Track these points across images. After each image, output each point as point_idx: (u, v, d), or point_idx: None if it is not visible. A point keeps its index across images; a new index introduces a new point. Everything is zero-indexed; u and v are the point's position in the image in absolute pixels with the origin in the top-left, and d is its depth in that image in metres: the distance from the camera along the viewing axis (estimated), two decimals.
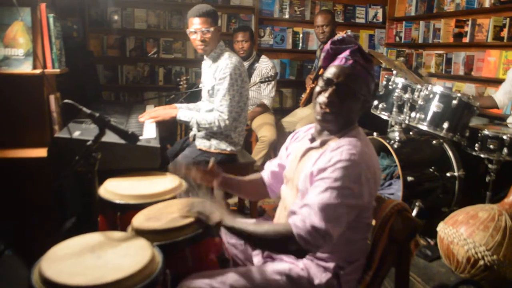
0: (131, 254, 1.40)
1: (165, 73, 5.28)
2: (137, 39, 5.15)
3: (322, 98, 1.60)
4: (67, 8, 4.44)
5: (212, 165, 1.92)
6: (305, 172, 1.59)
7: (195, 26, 2.77)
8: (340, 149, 1.52)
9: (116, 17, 5.03)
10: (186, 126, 4.03)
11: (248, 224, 1.53)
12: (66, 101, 1.70)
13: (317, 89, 1.64)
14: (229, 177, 1.96)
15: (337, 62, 1.61)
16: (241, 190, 2.02)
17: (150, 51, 5.19)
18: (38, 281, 1.30)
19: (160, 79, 5.27)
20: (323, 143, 1.64)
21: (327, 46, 1.65)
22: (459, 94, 2.93)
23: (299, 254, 1.50)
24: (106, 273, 1.28)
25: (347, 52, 1.59)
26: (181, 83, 4.51)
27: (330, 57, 1.64)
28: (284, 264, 1.64)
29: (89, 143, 1.66)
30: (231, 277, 1.53)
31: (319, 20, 4.40)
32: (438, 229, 2.54)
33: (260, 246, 1.60)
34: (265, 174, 1.99)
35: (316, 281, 1.59)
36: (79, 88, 3.50)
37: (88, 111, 1.67)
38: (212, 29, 2.77)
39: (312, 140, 1.71)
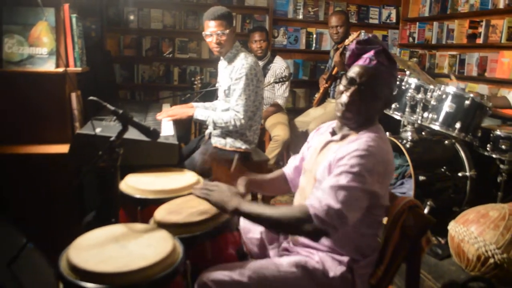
0: (154, 245, 1.46)
1: (180, 72, 5.36)
2: (153, 39, 5.24)
3: (344, 97, 1.65)
4: (85, 8, 4.54)
5: (236, 165, 1.96)
6: (324, 163, 1.65)
7: (211, 29, 2.84)
8: (359, 140, 1.58)
9: (132, 17, 5.12)
10: (200, 125, 4.11)
11: (265, 208, 1.55)
12: (91, 98, 1.77)
13: (340, 87, 1.69)
14: (252, 177, 1.98)
15: (361, 61, 1.65)
16: (263, 188, 2.04)
17: (165, 51, 5.27)
18: (66, 268, 1.37)
19: (175, 78, 5.35)
20: (343, 137, 1.70)
21: (353, 45, 1.70)
22: (471, 95, 2.96)
23: (315, 235, 1.50)
24: (130, 262, 1.35)
25: (371, 53, 1.64)
26: (196, 82, 4.59)
27: (355, 56, 1.69)
28: (300, 257, 1.69)
29: (112, 138, 1.72)
30: (249, 269, 1.58)
31: (333, 20, 4.44)
32: (449, 227, 2.57)
33: (277, 228, 1.59)
34: (288, 169, 2.03)
35: (331, 274, 1.64)
36: (96, 87, 3.59)
37: (112, 108, 1.74)
38: (227, 31, 2.83)
39: (333, 133, 1.76)
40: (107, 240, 1.49)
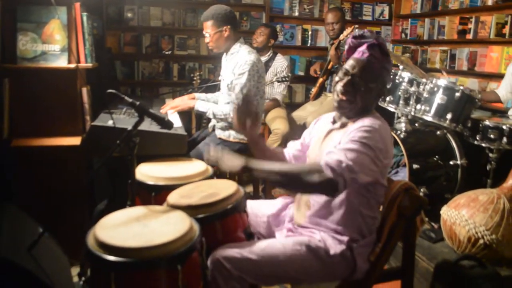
0: (172, 223, 1.59)
1: (179, 69, 5.47)
2: (153, 36, 5.35)
3: (338, 86, 1.80)
4: (86, 6, 4.65)
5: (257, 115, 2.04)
6: (328, 150, 1.78)
7: (205, 29, 3.00)
8: (363, 120, 1.73)
9: (132, 15, 5.23)
10: (199, 119, 4.24)
11: (275, 164, 1.71)
12: (110, 91, 1.89)
13: (336, 78, 1.83)
14: (261, 137, 2.13)
15: (355, 54, 1.80)
16: (265, 154, 2.08)
17: (165, 47, 5.39)
18: (94, 245, 1.49)
19: (174, 74, 5.46)
20: (343, 125, 1.84)
21: (349, 40, 1.84)
22: (462, 87, 3.12)
23: (325, 185, 1.59)
24: (153, 238, 1.47)
25: (364, 46, 1.78)
26: (195, 78, 4.71)
27: (351, 50, 1.84)
28: (304, 237, 1.82)
29: (129, 128, 1.85)
30: (258, 247, 1.71)
31: (330, 17, 4.56)
32: (441, 212, 2.72)
33: (288, 181, 1.67)
34: (287, 152, 2.13)
35: (332, 252, 1.76)
36: (99, 83, 3.69)
37: (130, 99, 1.86)
38: (216, 31, 2.96)
39: (334, 122, 1.90)
40: (130, 220, 1.62)
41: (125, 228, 1.56)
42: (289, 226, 1.97)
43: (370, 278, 1.84)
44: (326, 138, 1.89)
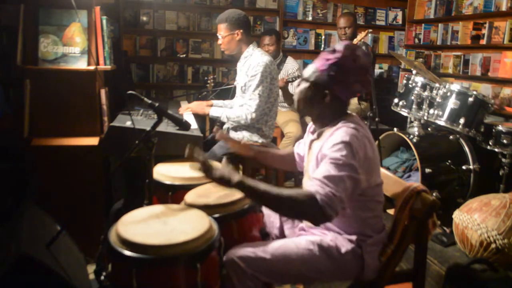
0: (192, 222, 1.63)
1: (193, 72, 5.55)
2: (168, 40, 5.43)
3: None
4: (103, 10, 4.73)
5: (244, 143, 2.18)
6: (312, 162, 1.81)
7: (218, 31, 3.08)
8: (334, 136, 1.71)
9: (148, 19, 5.32)
10: (213, 123, 4.29)
11: (270, 186, 1.64)
12: (130, 92, 1.94)
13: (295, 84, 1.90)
14: (263, 150, 2.22)
15: (317, 62, 1.83)
16: (275, 162, 2.25)
17: (179, 51, 5.47)
18: (116, 242, 1.53)
19: (188, 77, 5.54)
20: (319, 134, 1.85)
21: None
22: (475, 92, 3.14)
23: (317, 218, 1.61)
24: (174, 236, 1.52)
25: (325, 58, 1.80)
26: (208, 81, 4.75)
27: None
28: (316, 237, 1.85)
29: (148, 129, 1.90)
30: (272, 247, 1.75)
31: (342, 22, 4.59)
32: (453, 216, 2.73)
33: (280, 208, 1.67)
34: (295, 150, 2.20)
35: (343, 250, 1.80)
36: (115, 85, 3.75)
37: (149, 101, 1.91)
38: (228, 34, 3.04)
39: (313, 131, 1.93)
40: (150, 218, 1.67)
41: (146, 226, 1.61)
42: (301, 226, 2.00)
43: (381, 279, 1.87)
44: (310, 150, 1.92)
